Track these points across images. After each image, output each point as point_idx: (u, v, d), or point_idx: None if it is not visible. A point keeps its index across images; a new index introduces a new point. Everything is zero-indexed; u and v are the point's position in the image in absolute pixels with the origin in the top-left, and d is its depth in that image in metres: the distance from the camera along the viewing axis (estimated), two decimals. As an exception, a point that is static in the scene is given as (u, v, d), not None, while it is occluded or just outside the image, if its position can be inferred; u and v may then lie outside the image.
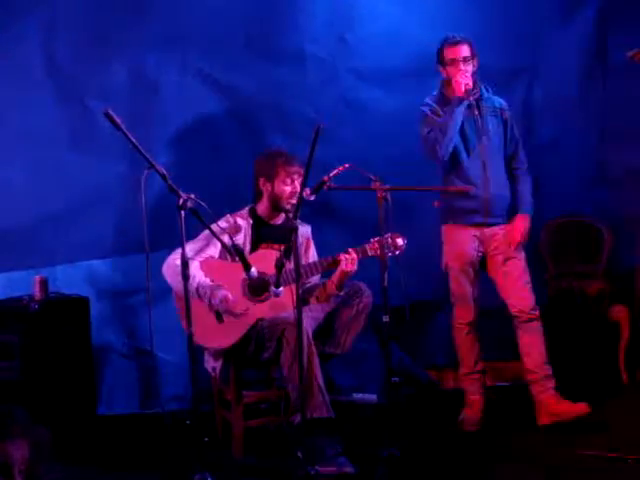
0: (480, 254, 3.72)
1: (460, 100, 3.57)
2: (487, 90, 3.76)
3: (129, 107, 3.93)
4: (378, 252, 3.32)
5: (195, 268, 3.34)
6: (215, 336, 3.34)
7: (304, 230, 3.59)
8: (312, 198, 3.11)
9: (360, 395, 4.13)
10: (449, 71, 3.65)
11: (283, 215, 3.60)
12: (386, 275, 3.12)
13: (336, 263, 3.38)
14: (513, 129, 3.77)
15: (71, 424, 3.54)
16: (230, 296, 3.30)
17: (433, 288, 4.37)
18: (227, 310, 3.30)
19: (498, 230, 3.70)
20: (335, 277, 3.42)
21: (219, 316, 3.34)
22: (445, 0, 4.34)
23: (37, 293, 3.65)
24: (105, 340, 4.06)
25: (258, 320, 3.34)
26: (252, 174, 3.60)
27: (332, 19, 4.28)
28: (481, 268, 3.76)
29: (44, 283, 3.68)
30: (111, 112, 2.60)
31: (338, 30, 4.29)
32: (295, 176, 3.49)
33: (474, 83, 3.64)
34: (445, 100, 3.68)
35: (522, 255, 3.71)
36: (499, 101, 3.78)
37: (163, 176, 2.72)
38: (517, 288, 3.67)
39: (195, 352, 2.95)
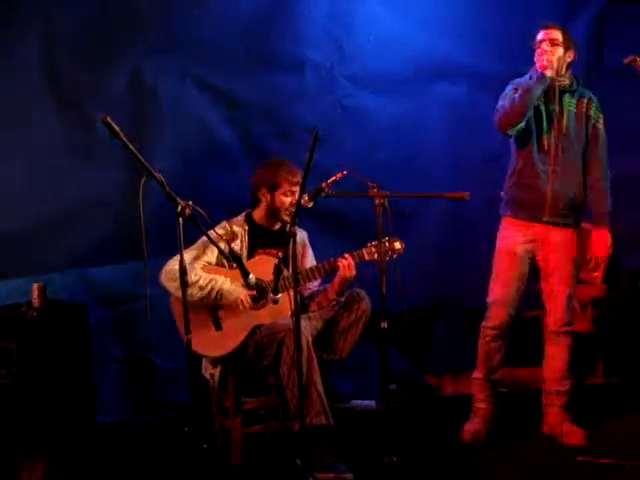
0: (531, 256, 3.54)
1: (540, 75, 3.41)
2: (578, 83, 3.57)
3: (128, 113, 3.94)
4: (376, 256, 3.31)
5: (199, 269, 3.35)
6: (213, 344, 3.33)
7: (301, 236, 3.59)
8: (310, 205, 3.11)
9: (359, 402, 4.12)
10: (535, 56, 3.51)
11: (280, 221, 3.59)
12: (384, 281, 3.12)
13: (334, 269, 3.36)
14: (596, 132, 3.56)
15: (70, 432, 3.53)
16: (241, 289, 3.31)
17: (433, 294, 4.38)
18: (236, 300, 3.31)
19: (557, 233, 3.51)
20: (335, 283, 3.40)
21: (217, 324, 3.34)
22: (441, 6, 4.35)
23: (35, 300, 3.63)
24: (104, 347, 4.05)
25: (256, 327, 3.35)
26: (252, 181, 3.57)
27: (330, 26, 4.30)
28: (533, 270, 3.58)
29: (42, 290, 3.66)
30: (109, 120, 2.60)
31: (336, 37, 4.31)
32: (297, 188, 3.45)
33: (564, 72, 3.51)
34: None
35: (573, 268, 3.55)
36: (589, 95, 3.58)
37: (161, 183, 2.72)
38: (558, 300, 3.52)
39: (193, 359, 2.95)
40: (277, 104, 4.26)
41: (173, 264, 3.31)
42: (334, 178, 3.09)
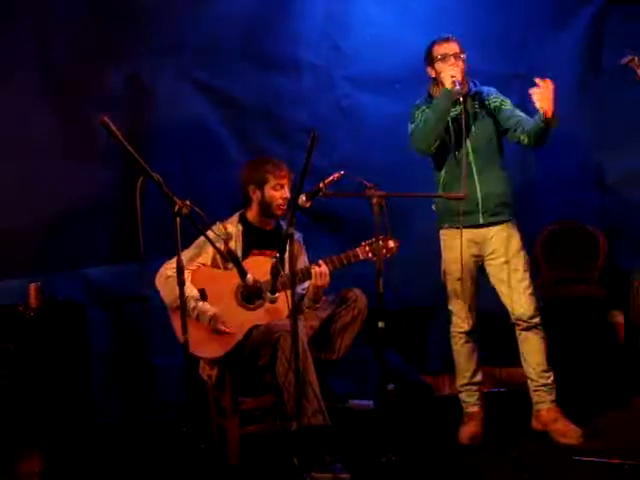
0: (477, 259, 3.61)
1: (447, 92, 3.44)
2: (475, 84, 3.63)
3: (126, 114, 3.95)
4: (370, 255, 3.32)
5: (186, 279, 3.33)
6: (210, 346, 3.33)
7: (296, 237, 3.60)
8: (308, 205, 3.10)
9: (356, 401, 4.12)
10: (439, 67, 3.52)
11: (274, 221, 3.60)
12: (381, 281, 3.11)
13: (309, 275, 3.36)
14: (509, 110, 3.55)
15: (68, 432, 3.53)
16: (219, 314, 3.31)
17: (429, 294, 4.38)
18: (217, 328, 3.31)
19: (495, 232, 3.55)
20: (310, 291, 3.40)
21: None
22: (438, 7, 4.36)
23: (33, 300, 3.64)
24: (101, 347, 4.06)
25: (253, 328, 3.35)
26: (240, 181, 3.58)
27: (327, 27, 4.31)
28: (481, 273, 3.64)
29: (39, 290, 3.67)
30: (107, 120, 2.60)
31: (333, 37, 4.32)
32: (284, 181, 3.49)
33: (463, 80, 3.51)
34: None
35: (522, 259, 3.56)
36: (487, 91, 3.61)
37: (158, 183, 2.72)
38: (517, 294, 3.54)
39: (191, 359, 2.95)
40: (275, 105, 4.27)
41: (162, 270, 3.34)
42: (332, 178, 3.08)
